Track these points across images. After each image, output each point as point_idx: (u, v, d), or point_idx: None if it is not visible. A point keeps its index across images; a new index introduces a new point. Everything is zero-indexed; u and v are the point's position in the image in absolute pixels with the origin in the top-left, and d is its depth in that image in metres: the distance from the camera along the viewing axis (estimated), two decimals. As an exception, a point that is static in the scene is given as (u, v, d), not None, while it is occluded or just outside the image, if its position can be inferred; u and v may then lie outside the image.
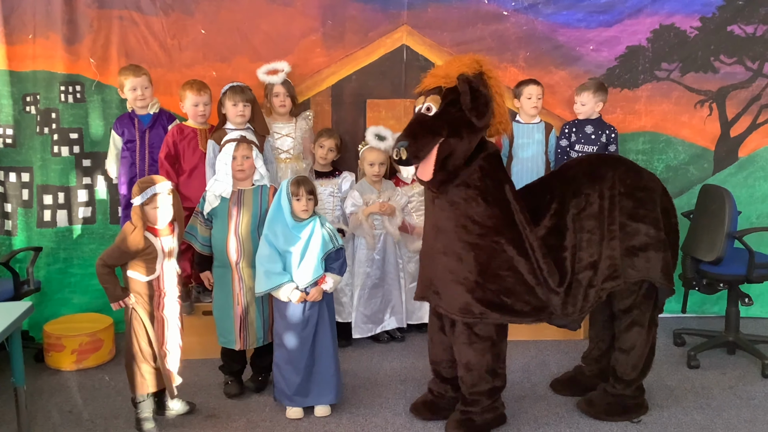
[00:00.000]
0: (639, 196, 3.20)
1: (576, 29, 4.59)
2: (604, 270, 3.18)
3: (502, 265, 3.13)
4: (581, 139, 4.32)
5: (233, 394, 3.69)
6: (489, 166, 3.12)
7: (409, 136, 3.02)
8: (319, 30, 4.51)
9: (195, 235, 3.60)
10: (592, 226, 3.17)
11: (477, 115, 3.02)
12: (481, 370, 3.22)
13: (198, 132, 4.13)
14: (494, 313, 3.14)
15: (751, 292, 4.22)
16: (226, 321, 3.61)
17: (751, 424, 3.39)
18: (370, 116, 4.61)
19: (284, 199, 3.40)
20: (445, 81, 3.04)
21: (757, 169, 4.69)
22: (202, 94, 4.10)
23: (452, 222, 3.13)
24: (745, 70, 4.63)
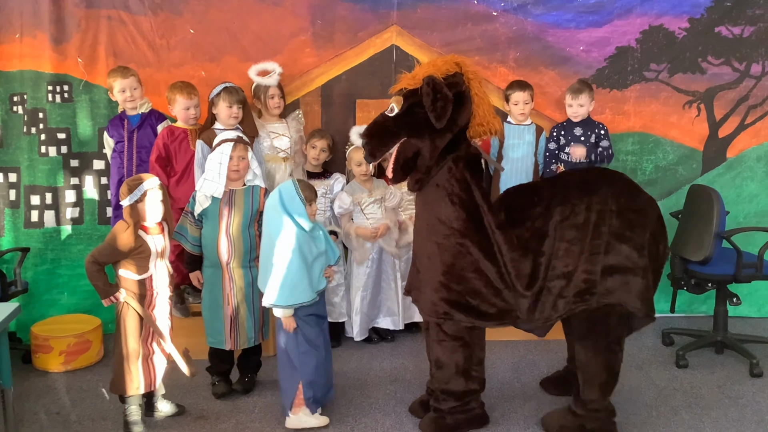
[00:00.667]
0: (629, 217, 3.08)
1: (566, 30, 4.60)
2: (579, 283, 3.07)
3: (467, 266, 3.13)
4: (570, 141, 4.33)
5: (221, 394, 3.68)
6: (456, 168, 3.12)
7: (367, 135, 3.15)
8: (309, 30, 4.50)
9: (185, 235, 3.58)
10: (572, 237, 3.08)
11: (436, 117, 3.01)
12: (451, 369, 3.23)
13: (189, 132, 4.12)
14: (459, 314, 3.15)
15: (739, 291, 4.24)
16: (216, 321, 3.60)
17: (739, 423, 3.41)
18: (360, 116, 4.60)
19: (295, 203, 3.27)
20: (412, 82, 3.07)
21: (745, 169, 4.72)
22: (192, 97, 4.09)
23: (425, 221, 3.19)
24: (733, 71, 4.65)
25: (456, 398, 3.28)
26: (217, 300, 3.58)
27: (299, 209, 3.26)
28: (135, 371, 3.25)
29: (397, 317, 4.44)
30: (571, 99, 4.31)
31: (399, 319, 4.44)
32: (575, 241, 3.08)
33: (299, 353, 3.33)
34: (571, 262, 3.08)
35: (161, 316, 3.33)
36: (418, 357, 4.04)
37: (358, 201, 4.29)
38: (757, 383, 3.83)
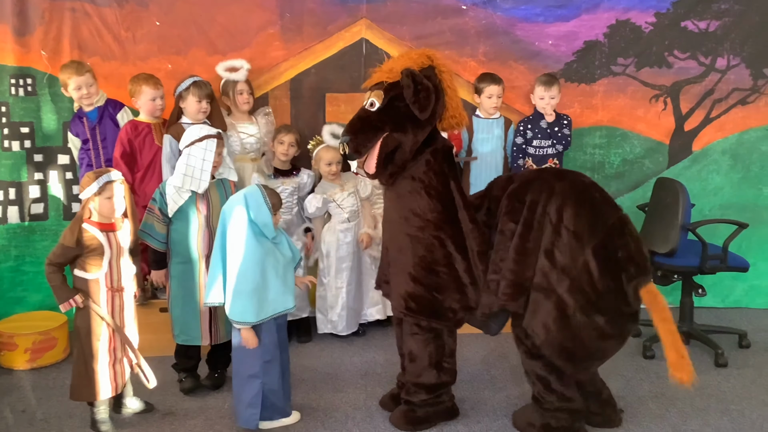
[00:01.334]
0: (562, 233, 2.95)
1: (534, 24, 4.62)
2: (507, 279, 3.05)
3: (439, 260, 3.14)
4: (538, 134, 4.36)
5: (190, 389, 3.65)
6: (435, 161, 3.13)
7: (351, 131, 3.08)
8: (277, 23, 4.47)
9: (151, 233, 3.50)
10: (508, 230, 3.06)
11: (420, 108, 3.02)
12: (425, 362, 3.24)
13: (153, 127, 4.06)
14: (422, 310, 3.15)
15: (705, 282, 4.29)
16: (189, 317, 3.55)
17: (704, 413, 3.46)
18: (330, 110, 4.59)
19: (262, 210, 3.14)
20: (389, 76, 3.06)
21: (710, 162, 4.78)
22: (158, 87, 4.04)
23: (397, 213, 3.18)
24: (698, 65, 4.71)
25: (428, 391, 3.29)
26: (191, 295, 3.53)
27: (265, 218, 3.15)
28: (100, 376, 3.19)
29: (381, 306, 4.46)
30: (544, 91, 4.35)
31: (382, 308, 4.46)
32: (510, 236, 3.06)
33: (262, 363, 3.22)
34: (505, 257, 3.06)
35: (127, 315, 3.28)
36: (389, 351, 4.05)
37: (331, 196, 4.27)
38: (722, 373, 3.90)
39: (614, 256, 2.93)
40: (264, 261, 3.14)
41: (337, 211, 4.31)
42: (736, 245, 4.15)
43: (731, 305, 4.88)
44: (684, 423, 3.37)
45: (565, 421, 3.18)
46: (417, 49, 3.24)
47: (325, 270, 4.35)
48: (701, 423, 3.37)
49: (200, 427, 3.36)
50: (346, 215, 4.30)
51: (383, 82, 3.06)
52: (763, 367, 3.96)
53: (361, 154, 3.09)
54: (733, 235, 4.02)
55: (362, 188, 4.37)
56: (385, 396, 3.58)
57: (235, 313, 3.13)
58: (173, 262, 3.58)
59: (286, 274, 3.25)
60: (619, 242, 2.94)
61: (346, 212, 4.30)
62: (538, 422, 3.23)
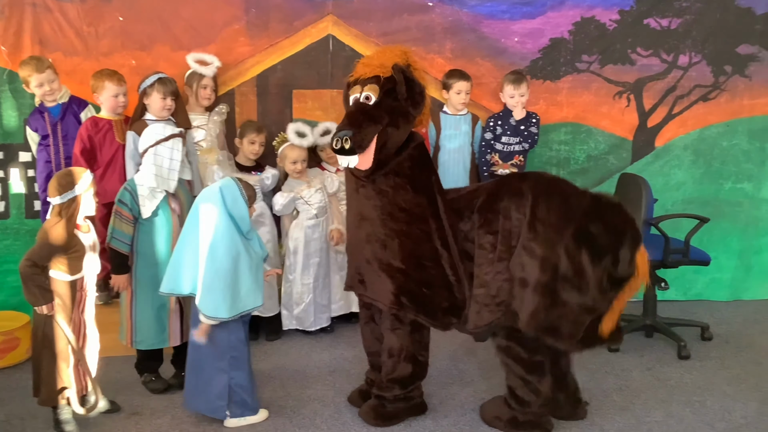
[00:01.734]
0: (538, 228, 2.99)
1: (500, 21, 4.66)
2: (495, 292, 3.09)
3: (426, 254, 3.15)
4: (507, 131, 4.39)
5: (161, 390, 3.61)
6: (419, 155, 3.16)
7: (353, 125, 3.02)
8: (243, 18, 4.43)
9: (121, 238, 3.41)
10: (488, 243, 3.10)
11: (413, 105, 3.06)
12: (401, 355, 3.25)
13: (113, 123, 4.00)
14: (412, 305, 3.16)
15: (667, 276, 4.34)
16: (154, 321, 3.50)
17: (667, 404, 3.52)
18: (297, 107, 4.57)
19: (239, 203, 3.13)
20: (382, 70, 3.05)
21: (673, 158, 4.86)
22: (122, 84, 3.98)
23: (378, 210, 3.14)
24: (661, 62, 4.78)
25: (402, 386, 3.30)
26: (162, 298, 3.46)
27: (242, 211, 3.14)
28: (65, 379, 3.14)
29: (343, 302, 4.45)
30: (513, 89, 4.39)
31: (345, 304, 4.46)
32: (490, 248, 3.09)
33: (229, 358, 3.21)
34: (490, 270, 3.10)
35: (89, 317, 3.24)
36: (358, 347, 4.03)
37: (299, 194, 4.26)
38: (684, 365, 3.97)
39: (594, 238, 2.96)
40: (239, 257, 3.12)
41: (304, 208, 4.29)
42: (697, 239, 4.22)
43: (693, 298, 4.97)
44: (647, 414, 3.42)
45: (532, 416, 3.21)
46: (393, 46, 3.24)
47: (292, 266, 4.33)
48: (664, 414, 3.43)
49: (167, 426, 3.33)
50: (314, 211, 4.29)
51: (378, 77, 3.04)
52: (725, 359, 4.04)
53: (364, 148, 3.02)
54: (694, 230, 4.09)
55: (329, 184, 4.36)
56: (353, 392, 3.58)
57: (208, 309, 3.10)
58: (141, 265, 3.48)
59: (258, 271, 3.23)
60: (599, 222, 2.97)
61: (314, 208, 4.29)
62: (506, 416, 3.26)
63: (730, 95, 4.82)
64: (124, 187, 3.43)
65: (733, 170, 4.88)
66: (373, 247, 3.18)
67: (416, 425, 3.33)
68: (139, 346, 3.56)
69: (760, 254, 4.98)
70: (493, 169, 4.44)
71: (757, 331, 4.45)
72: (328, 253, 4.39)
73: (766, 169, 4.89)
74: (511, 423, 3.24)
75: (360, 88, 3.08)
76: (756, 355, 4.09)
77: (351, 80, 3.15)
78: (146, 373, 3.67)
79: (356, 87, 3.10)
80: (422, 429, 3.31)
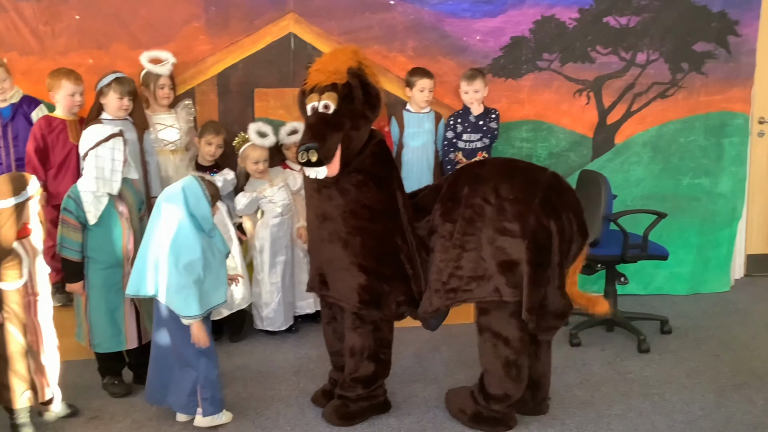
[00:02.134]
0: (505, 207, 3.04)
1: (462, 19, 4.67)
2: (446, 279, 3.12)
3: (387, 250, 3.17)
4: (468, 128, 4.42)
5: (122, 394, 3.57)
6: (380, 152, 3.19)
7: (317, 137, 3.02)
8: (202, 16, 4.39)
9: (69, 246, 3.35)
10: (446, 231, 3.13)
11: (370, 108, 3.09)
12: (364, 354, 3.25)
13: (68, 123, 3.94)
14: (375, 302, 3.18)
15: (628, 271, 4.43)
16: (109, 324, 3.45)
17: (627, 397, 3.57)
18: (259, 106, 4.54)
19: (202, 203, 3.13)
20: (337, 77, 3.05)
21: (632, 154, 4.93)
22: (79, 83, 3.91)
23: (340, 209, 3.15)
24: (620, 60, 4.84)
25: (365, 385, 3.31)
26: (116, 301, 3.43)
27: (204, 210, 3.13)
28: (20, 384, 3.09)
29: (311, 300, 4.43)
30: (467, 86, 4.41)
31: (312, 302, 4.44)
32: (448, 236, 3.13)
33: (197, 352, 3.20)
34: (444, 257, 3.13)
35: (44, 320, 3.19)
36: (322, 347, 4.01)
37: (262, 193, 4.24)
38: (644, 358, 4.03)
39: (558, 209, 3.06)
40: (203, 254, 3.10)
41: (269, 207, 4.27)
42: (657, 234, 4.29)
43: (653, 292, 5.05)
44: (608, 408, 3.47)
45: (497, 413, 3.24)
46: (344, 46, 3.27)
47: (259, 266, 4.31)
48: (624, 407, 3.47)
49: (126, 430, 3.29)
50: (279, 209, 4.27)
51: (336, 84, 3.04)
52: (683, 352, 4.11)
53: (331, 159, 3.03)
54: (652, 225, 4.15)
55: (292, 181, 4.35)
56: (317, 392, 3.57)
57: (180, 308, 3.09)
58: (93, 270, 3.42)
59: (221, 268, 3.22)
60: (560, 194, 3.09)
61: (279, 206, 4.27)
62: (470, 410, 3.28)
63: (687, 92, 4.89)
64: (67, 195, 3.37)
65: (691, 166, 4.96)
66: (335, 246, 3.18)
67: (380, 424, 3.34)
68: (97, 349, 3.51)
69: (718, 248, 5.07)
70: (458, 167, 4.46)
71: (715, 324, 4.53)
72: (294, 251, 4.37)
73: (722, 164, 4.98)
74: (475, 418, 3.26)
75: (317, 96, 3.07)
76: (714, 347, 4.16)
77: (306, 88, 3.13)
78: (108, 376, 3.61)
79: (313, 95, 3.09)
80: (386, 427, 3.31)
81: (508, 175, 3.11)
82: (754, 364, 3.92)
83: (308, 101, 3.11)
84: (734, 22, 4.85)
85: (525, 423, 3.32)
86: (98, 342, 3.49)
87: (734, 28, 4.86)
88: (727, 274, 5.16)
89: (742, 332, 4.37)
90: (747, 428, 3.27)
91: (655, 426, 3.30)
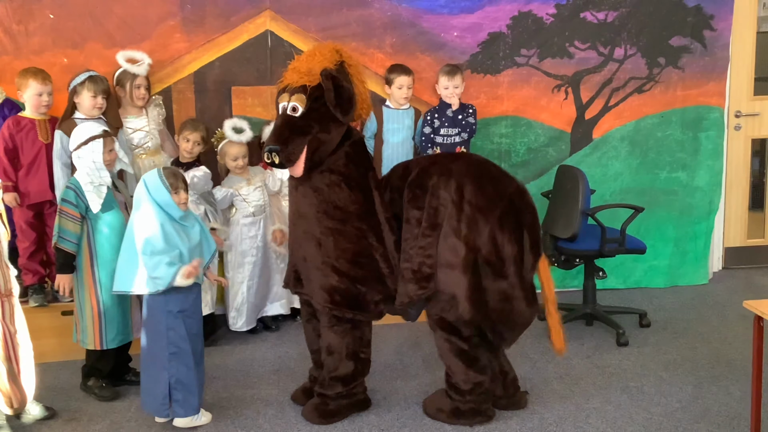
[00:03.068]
0: (466, 210, 3.05)
1: (439, 15, 4.67)
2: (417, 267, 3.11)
3: (361, 251, 3.17)
4: (445, 123, 4.42)
5: (110, 398, 3.54)
6: (354, 153, 3.18)
7: (279, 140, 3.03)
8: (178, 14, 4.36)
9: (68, 237, 3.35)
10: (414, 218, 3.13)
11: (342, 111, 3.07)
12: (342, 353, 3.25)
13: (37, 123, 3.89)
14: (346, 302, 3.18)
15: (607, 264, 4.46)
16: (122, 316, 3.48)
17: (605, 391, 3.60)
18: (236, 104, 4.52)
19: (161, 191, 3.17)
20: (309, 78, 3.04)
21: (610, 149, 4.95)
22: (47, 83, 3.87)
23: (314, 208, 3.15)
24: (598, 55, 4.86)
25: (344, 383, 3.30)
26: None
27: (164, 197, 3.17)
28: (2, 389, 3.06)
29: (285, 300, 4.42)
30: (447, 81, 4.41)
31: (286, 303, 4.43)
32: (416, 223, 3.13)
33: (168, 354, 3.19)
34: (414, 245, 3.13)
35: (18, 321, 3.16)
36: (302, 345, 4.01)
37: (238, 191, 4.22)
38: (623, 352, 4.05)
39: (518, 224, 3.08)
40: (171, 235, 3.14)
41: (242, 205, 4.25)
42: (635, 228, 4.32)
43: (632, 286, 5.08)
44: (587, 401, 3.49)
45: (474, 404, 3.25)
46: (325, 44, 3.24)
47: (228, 264, 4.29)
48: (602, 401, 3.50)
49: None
50: (251, 209, 4.25)
51: (305, 86, 3.03)
52: (662, 345, 4.14)
53: (293, 161, 3.05)
54: (629, 219, 4.17)
55: (271, 183, 4.33)
56: (297, 390, 3.56)
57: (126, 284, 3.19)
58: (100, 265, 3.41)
59: (191, 257, 3.22)
60: (520, 211, 3.10)
61: (252, 206, 4.25)
62: (447, 407, 3.29)
63: (664, 87, 4.92)
64: (66, 186, 3.41)
65: (668, 160, 4.99)
66: (309, 244, 3.19)
67: (360, 421, 3.34)
68: (112, 344, 3.48)
69: (695, 241, 5.11)
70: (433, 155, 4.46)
71: (692, 316, 4.57)
72: (267, 252, 4.35)
73: (699, 158, 5.02)
74: (454, 413, 3.28)
75: (288, 97, 3.07)
76: (691, 340, 4.20)
77: (281, 87, 3.14)
78: (93, 378, 3.57)
79: (284, 95, 3.09)
80: (366, 424, 3.31)
81: (477, 179, 3.10)
82: (731, 356, 3.95)
83: (280, 101, 3.11)
84: (709, 16, 4.88)
85: (504, 417, 3.33)
86: (113, 337, 3.47)
87: (709, 23, 4.89)
88: (704, 266, 5.20)
89: (719, 324, 4.41)
90: (724, 419, 3.30)
91: (632, 419, 3.32)
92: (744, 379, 3.61)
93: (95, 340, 3.45)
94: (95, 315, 3.43)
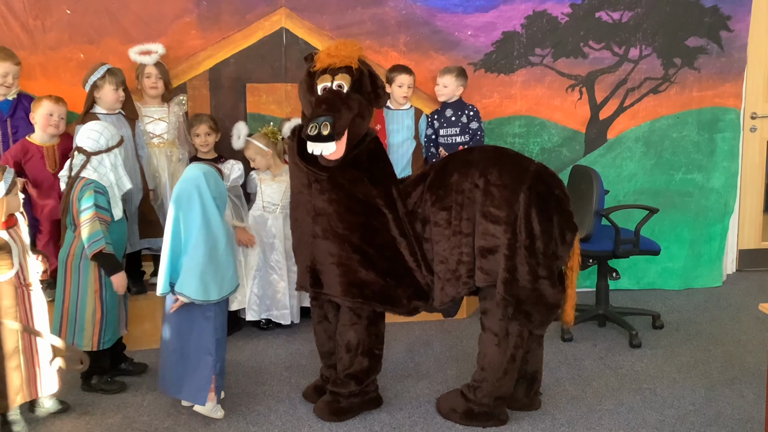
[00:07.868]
0: (493, 192, 3.01)
1: (454, 14, 4.66)
2: (454, 266, 3.11)
3: (385, 245, 3.17)
4: (443, 124, 4.43)
5: (117, 390, 3.57)
6: (375, 148, 3.20)
7: (332, 110, 2.98)
8: (194, 11, 4.37)
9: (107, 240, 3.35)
10: (442, 220, 3.13)
11: (376, 98, 3.12)
12: (359, 350, 3.25)
13: (45, 150, 3.83)
14: (377, 297, 3.17)
15: (620, 266, 4.43)
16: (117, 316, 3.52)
17: (618, 392, 3.58)
18: (251, 101, 4.53)
19: (219, 184, 3.15)
20: (350, 61, 3.07)
21: (624, 150, 4.93)
22: (60, 104, 3.81)
23: (334, 204, 3.14)
24: (612, 55, 4.84)
25: (358, 381, 3.30)
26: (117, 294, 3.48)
27: (224, 193, 3.20)
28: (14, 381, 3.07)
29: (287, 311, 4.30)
30: (438, 78, 4.44)
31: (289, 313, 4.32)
32: (445, 224, 3.13)
33: (215, 340, 3.22)
34: (447, 246, 3.13)
35: (38, 310, 3.18)
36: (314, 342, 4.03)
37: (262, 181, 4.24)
38: (636, 353, 4.03)
39: (546, 197, 3.02)
40: (225, 239, 3.15)
41: (256, 196, 4.28)
42: (650, 229, 4.29)
43: (645, 287, 5.05)
44: (599, 403, 3.48)
45: (488, 408, 3.25)
46: (348, 40, 3.26)
47: None
48: (615, 402, 3.48)
49: (117, 426, 3.28)
50: (262, 203, 4.25)
51: (350, 67, 3.05)
52: (675, 347, 4.12)
53: (341, 135, 3.01)
54: (644, 220, 4.16)
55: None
56: (308, 387, 3.57)
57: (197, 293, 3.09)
58: None
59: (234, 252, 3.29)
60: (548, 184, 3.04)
61: (265, 200, 4.25)
62: (461, 408, 3.28)
63: (680, 87, 4.90)
64: (95, 191, 3.33)
65: (683, 161, 4.97)
66: (330, 242, 3.17)
67: (371, 419, 3.34)
68: (108, 344, 3.50)
69: (710, 243, 5.08)
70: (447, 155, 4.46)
71: (706, 318, 4.55)
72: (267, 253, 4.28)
73: (715, 159, 4.99)
74: (467, 414, 3.27)
75: (330, 77, 3.05)
76: (705, 342, 4.17)
77: (317, 69, 3.10)
78: (95, 375, 3.58)
79: (325, 76, 3.07)
80: (377, 423, 3.31)
81: (497, 162, 3.09)
82: (745, 359, 3.92)
83: (319, 82, 3.08)
84: (726, 17, 4.85)
85: (516, 418, 3.32)
86: (108, 338, 3.49)
87: (726, 23, 4.86)
88: (719, 269, 5.17)
89: (733, 327, 4.38)
90: (737, 423, 3.27)
91: (645, 421, 3.31)
92: (758, 382, 3.58)
93: (93, 341, 3.46)
94: (98, 317, 3.44)
